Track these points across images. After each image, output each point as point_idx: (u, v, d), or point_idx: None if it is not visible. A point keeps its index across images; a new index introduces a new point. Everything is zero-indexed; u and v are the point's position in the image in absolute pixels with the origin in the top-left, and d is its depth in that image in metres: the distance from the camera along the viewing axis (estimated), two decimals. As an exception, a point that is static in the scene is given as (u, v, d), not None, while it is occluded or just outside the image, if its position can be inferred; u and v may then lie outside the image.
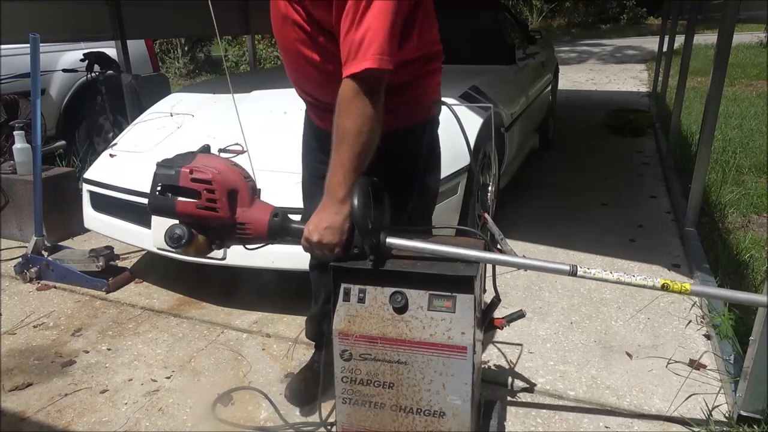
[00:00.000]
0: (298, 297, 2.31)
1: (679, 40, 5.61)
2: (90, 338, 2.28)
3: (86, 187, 2.70)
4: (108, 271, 2.68)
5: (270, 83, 3.10)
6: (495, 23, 3.93)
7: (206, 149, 1.35)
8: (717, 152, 4.38)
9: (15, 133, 3.19)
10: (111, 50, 4.19)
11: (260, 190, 1.34)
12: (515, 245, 2.94)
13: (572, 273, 1.27)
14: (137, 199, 2.39)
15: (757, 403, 1.62)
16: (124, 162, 2.65)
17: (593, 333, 2.23)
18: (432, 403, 1.28)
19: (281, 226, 1.29)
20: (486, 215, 1.74)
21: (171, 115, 2.91)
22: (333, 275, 1.30)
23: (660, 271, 2.68)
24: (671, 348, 2.10)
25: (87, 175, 2.71)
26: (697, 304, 2.36)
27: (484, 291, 1.48)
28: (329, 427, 1.66)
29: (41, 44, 2.57)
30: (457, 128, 1.52)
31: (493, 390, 1.91)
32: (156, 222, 2.24)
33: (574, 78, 10.01)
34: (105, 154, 2.77)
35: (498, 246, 1.43)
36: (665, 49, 6.28)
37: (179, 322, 2.38)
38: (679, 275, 2.62)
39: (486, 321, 1.47)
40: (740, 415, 1.65)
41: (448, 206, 2.33)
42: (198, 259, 2.12)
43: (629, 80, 9.59)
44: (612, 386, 1.91)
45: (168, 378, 2.01)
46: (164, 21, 4.47)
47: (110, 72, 4.21)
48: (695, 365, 1.98)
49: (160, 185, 1.27)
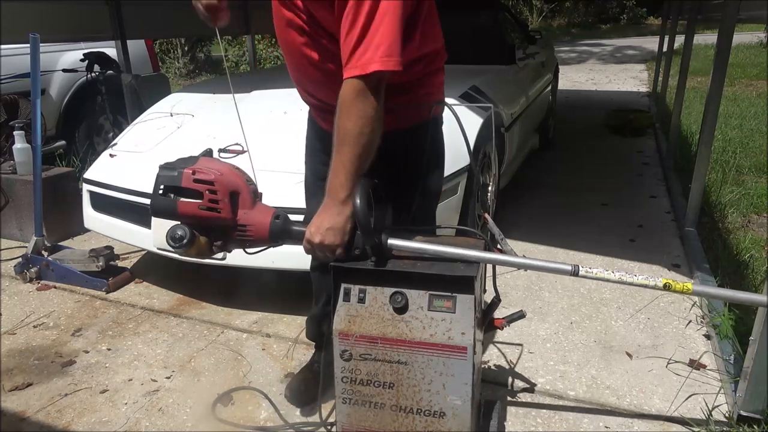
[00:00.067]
0: (298, 297, 2.31)
1: (679, 40, 5.61)
2: (90, 338, 2.28)
3: (86, 187, 2.70)
4: (108, 271, 2.68)
5: (270, 83, 3.10)
6: (495, 23, 3.93)
7: (208, 153, 1.35)
8: (717, 152, 4.38)
9: (15, 133, 3.19)
10: (111, 50, 4.19)
11: (262, 194, 1.34)
12: (515, 245, 2.94)
13: (574, 273, 1.27)
14: (137, 199, 2.39)
15: (757, 403, 1.62)
16: (124, 162, 2.65)
17: (593, 333, 2.23)
18: (432, 404, 1.28)
19: (283, 229, 1.29)
20: (486, 215, 1.74)
21: (171, 115, 2.91)
22: (333, 275, 1.30)
23: (660, 271, 2.68)
24: (671, 348, 2.10)
25: (87, 175, 2.71)
26: (697, 304, 2.36)
27: (485, 291, 1.48)
28: (329, 427, 1.66)
29: (41, 44, 2.57)
30: (457, 128, 1.52)
31: (493, 390, 1.91)
32: (156, 222, 2.23)
33: (574, 78, 10.01)
34: (105, 154, 2.77)
35: (498, 246, 1.43)
36: (665, 49, 6.28)
37: (179, 322, 2.38)
38: (679, 275, 2.62)
39: (486, 321, 1.47)
40: (740, 415, 1.65)
41: (448, 206, 2.33)
42: (198, 259, 2.11)
43: (629, 80, 9.59)
44: (612, 386, 1.91)
45: (168, 378, 2.01)
46: (164, 21, 4.47)
47: (110, 72, 4.21)
48: (695, 365, 1.98)
49: (163, 186, 1.27)
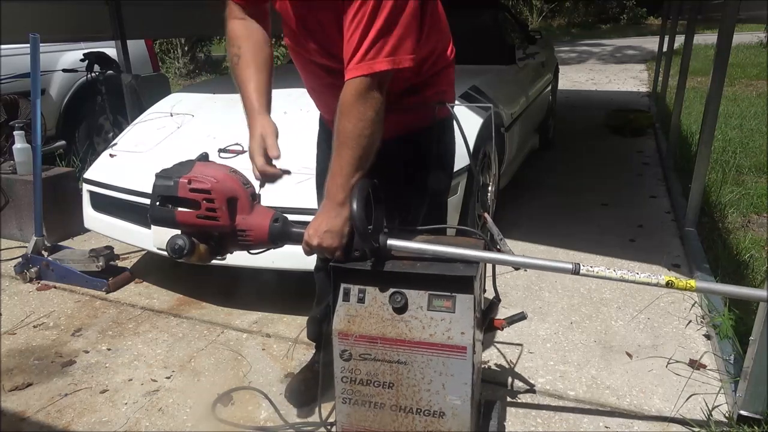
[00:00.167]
0: (298, 297, 2.31)
1: (679, 40, 5.61)
2: (90, 338, 2.28)
3: (86, 187, 2.70)
4: (108, 271, 2.68)
5: (270, 83, 3.10)
6: (495, 23, 3.93)
7: (204, 157, 1.34)
8: (717, 152, 4.38)
9: (15, 133, 3.19)
10: (111, 50, 4.19)
11: (260, 196, 1.34)
12: (515, 245, 2.96)
13: (575, 271, 1.27)
14: (137, 199, 2.39)
15: (757, 403, 1.62)
16: (124, 162, 2.65)
17: (593, 333, 2.23)
18: (432, 403, 1.28)
19: (282, 231, 1.29)
20: (486, 215, 1.74)
21: (171, 115, 2.90)
22: (333, 275, 1.30)
23: (660, 271, 2.67)
24: (671, 348, 2.10)
25: (87, 175, 2.71)
26: (697, 304, 2.36)
27: (484, 291, 1.48)
28: (329, 427, 1.66)
29: (41, 44, 2.57)
30: (457, 128, 1.52)
31: (493, 390, 1.91)
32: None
33: (574, 78, 10.01)
34: (105, 154, 2.77)
35: (498, 247, 1.43)
36: (665, 49, 6.28)
37: (179, 322, 2.38)
38: (680, 275, 2.62)
39: (486, 321, 1.46)
40: (740, 415, 1.64)
41: (448, 206, 2.33)
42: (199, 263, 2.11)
43: (629, 80, 9.59)
44: (612, 386, 1.91)
45: (168, 378, 2.01)
46: (164, 21, 4.47)
47: (110, 72, 4.21)
48: (695, 365, 1.98)
49: (160, 197, 1.26)
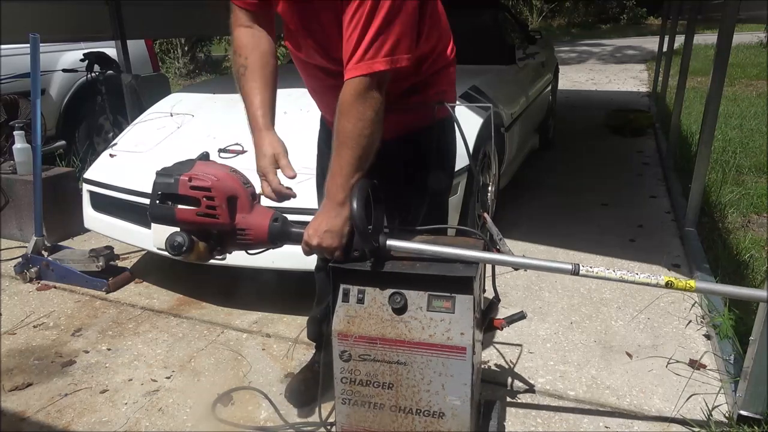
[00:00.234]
0: (298, 297, 2.31)
1: (679, 40, 5.61)
2: (90, 338, 2.28)
3: (86, 187, 2.70)
4: (108, 271, 2.68)
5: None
6: (495, 23, 3.93)
7: (205, 156, 1.34)
8: (717, 152, 4.38)
9: (15, 133, 3.19)
10: (111, 50, 4.19)
11: (260, 195, 1.34)
12: (515, 245, 2.96)
13: (574, 272, 1.27)
14: (137, 199, 2.39)
15: (757, 404, 1.62)
16: (124, 162, 2.65)
17: (593, 333, 2.23)
18: (431, 404, 1.28)
19: (281, 231, 1.29)
20: (485, 215, 1.74)
21: (171, 115, 2.90)
22: (332, 276, 1.30)
23: (660, 271, 2.67)
24: (671, 348, 2.10)
25: (87, 175, 2.71)
26: (698, 304, 2.36)
27: (484, 291, 1.48)
28: (329, 428, 1.66)
29: (41, 44, 2.57)
30: (457, 128, 1.52)
31: (493, 390, 1.91)
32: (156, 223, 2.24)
33: (574, 78, 10.00)
34: (105, 154, 2.77)
35: (497, 246, 1.43)
36: (665, 49, 6.28)
37: (179, 322, 2.38)
38: (680, 275, 2.62)
39: (486, 321, 1.46)
40: (740, 415, 1.64)
41: (449, 206, 2.33)
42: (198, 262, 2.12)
43: (629, 80, 9.58)
44: (612, 386, 1.91)
45: (168, 378, 2.01)
46: (164, 21, 4.47)
47: (110, 72, 4.20)
48: (695, 365, 1.98)
49: (160, 194, 1.27)
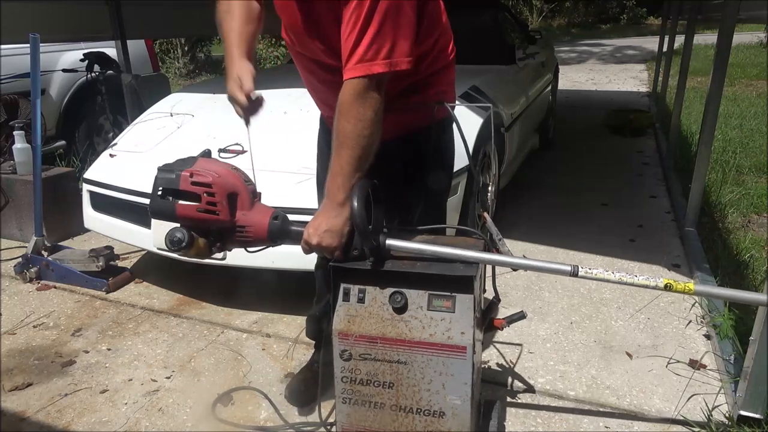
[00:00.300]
0: (298, 297, 2.31)
1: (679, 40, 5.61)
2: (90, 338, 2.28)
3: (86, 187, 2.70)
4: (108, 271, 2.68)
5: (270, 83, 3.10)
6: (495, 23, 3.93)
7: (207, 154, 1.35)
8: (717, 152, 4.38)
9: (15, 133, 3.19)
10: (111, 50, 4.19)
11: (261, 194, 1.34)
12: (515, 245, 2.96)
13: (573, 273, 1.27)
14: (137, 199, 2.39)
15: (758, 403, 1.62)
16: (124, 162, 2.65)
17: (593, 333, 2.23)
18: (432, 403, 1.28)
19: (281, 229, 1.30)
20: (485, 215, 1.74)
21: (171, 115, 2.90)
22: (333, 275, 1.30)
23: (660, 271, 2.67)
24: (671, 348, 2.10)
25: (87, 175, 2.71)
26: (698, 304, 2.36)
27: (484, 291, 1.48)
28: (329, 427, 1.66)
29: (41, 44, 2.57)
30: (457, 128, 1.52)
31: (493, 390, 1.91)
32: (156, 222, 2.24)
33: (574, 78, 10.01)
34: (105, 154, 2.77)
35: (497, 246, 1.43)
36: (665, 49, 6.28)
37: (179, 322, 2.38)
38: (680, 275, 2.62)
39: (486, 321, 1.47)
40: (740, 415, 1.64)
41: (449, 206, 2.32)
42: (198, 259, 2.12)
43: (629, 80, 9.59)
44: (612, 386, 1.91)
45: (168, 378, 2.01)
46: (164, 21, 4.47)
47: (110, 72, 4.21)
48: (696, 365, 1.98)
49: (161, 189, 1.27)
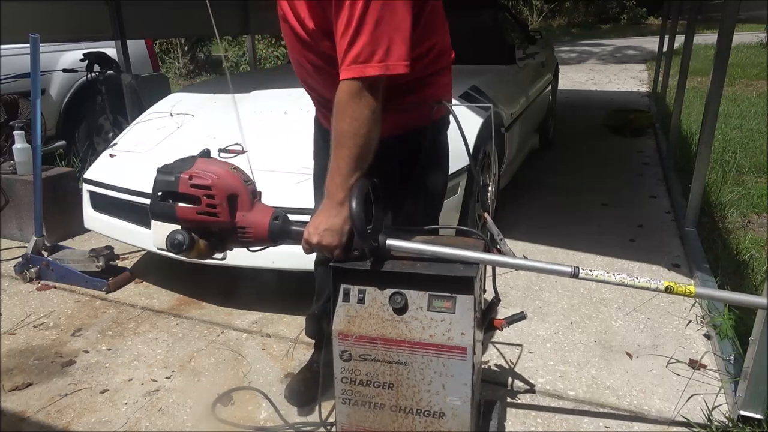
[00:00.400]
0: (298, 297, 2.31)
1: (679, 40, 5.61)
2: (90, 338, 2.28)
3: (86, 187, 2.70)
4: (108, 271, 2.68)
5: (270, 83, 3.10)
6: (495, 23, 3.93)
7: (206, 153, 1.35)
8: (717, 152, 4.38)
9: (15, 133, 3.19)
10: (111, 50, 4.19)
11: (261, 193, 1.34)
12: (515, 245, 2.95)
13: (574, 275, 1.27)
14: (137, 199, 2.39)
15: (758, 403, 1.62)
16: (124, 162, 2.65)
17: (593, 333, 2.23)
18: (432, 404, 1.28)
19: (282, 229, 1.30)
20: (486, 215, 1.74)
21: (171, 115, 2.91)
22: (333, 276, 1.30)
23: (660, 271, 2.67)
24: (671, 348, 2.10)
25: (87, 175, 2.71)
26: (698, 304, 2.35)
27: (484, 291, 1.48)
28: (329, 427, 1.66)
29: (41, 44, 2.56)
30: (457, 128, 1.52)
31: (493, 390, 1.91)
32: (156, 222, 2.24)
33: (574, 78, 10.01)
34: (105, 154, 2.77)
35: (497, 246, 1.42)
36: (665, 49, 6.28)
37: (179, 322, 2.38)
38: (679, 275, 2.62)
39: (486, 321, 1.46)
40: (740, 415, 1.65)
41: (448, 206, 2.33)
42: (198, 260, 2.12)
43: (629, 80, 9.59)
44: (612, 386, 1.91)
45: (168, 378, 2.01)
46: (164, 21, 4.47)
47: (110, 72, 4.21)
48: (696, 365, 1.98)
49: (161, 192, 1.27)
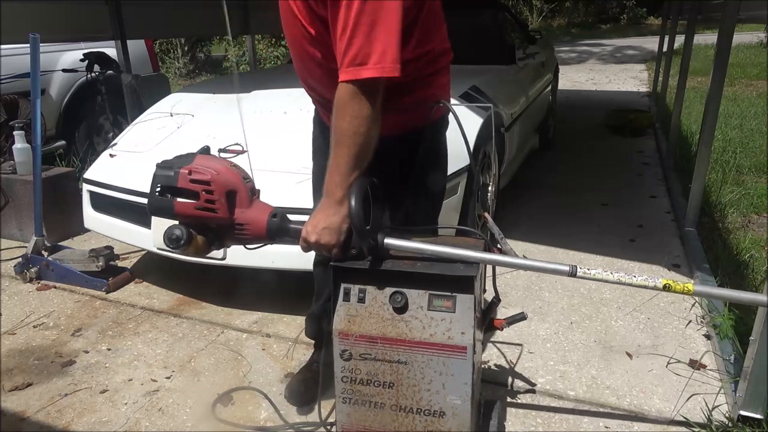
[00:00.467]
0: (298, 297, 2.31)
1: (679, 40, 5.61)
2: (90, 338, 2.28)
3: (86, 187, 2.70)
4: (108, 271, 2.68)
5: (270, 83, 3.11)
6: (495, 23, 3.93)
7: (206, 150, 1.35)
8: (717, 152, 4.38)
9: (15, 133, 3.19)
10: (111, 50, 4.19)
11: (259, 191, 1.34)
12: (515, 245, 2.94)
13: (572, 274, 1.27)
14: (137, 199, 2.39)
15: (758, 403, 1.62)
16: (124, 162, 2.65)
17: (593, 333, 2.23)
18: (432, 403, 1.28)
19: (280, 227, 1.30)
20: (486, 214, 1.74)
21: (171, 115, 2.91)
22: (333, 275, 1.30)
23: (660, 271, 2.67)
24: (671, 348, 2.10)
25: (87, 175, 2.71)
26: (698, 304, 2.36)
27: (484, 291, 1.48)
28: (329, 427, 1.66)
29: (41, 44, 2.57)
30: (457, 128, 1.52)
31: (493, 390, 1.91)
32: (156, 222, 2.25)
33: (574, 78, 10.01)
34: (105, 154, 2.77)
35: (498, 246, 1.43)
36: (665, 49, 6.28)
37: (179, 322, 2.38)
38: (679, 275, 2.62)
39: (486, 321, 1.47)
40: (740, 415, 1.65)
41: (448, 206, 2.33)
42: (198, 259, 2.12)
43: (629, 80, 9.59)
44: (612, 386, 1.91)
45: (168, 378, 2.01)
46: (164, 21, 4.47)
47: (110, 72, 4.21)
48: (696, 365, 1.98)
49: (159, 186, 1.27)
